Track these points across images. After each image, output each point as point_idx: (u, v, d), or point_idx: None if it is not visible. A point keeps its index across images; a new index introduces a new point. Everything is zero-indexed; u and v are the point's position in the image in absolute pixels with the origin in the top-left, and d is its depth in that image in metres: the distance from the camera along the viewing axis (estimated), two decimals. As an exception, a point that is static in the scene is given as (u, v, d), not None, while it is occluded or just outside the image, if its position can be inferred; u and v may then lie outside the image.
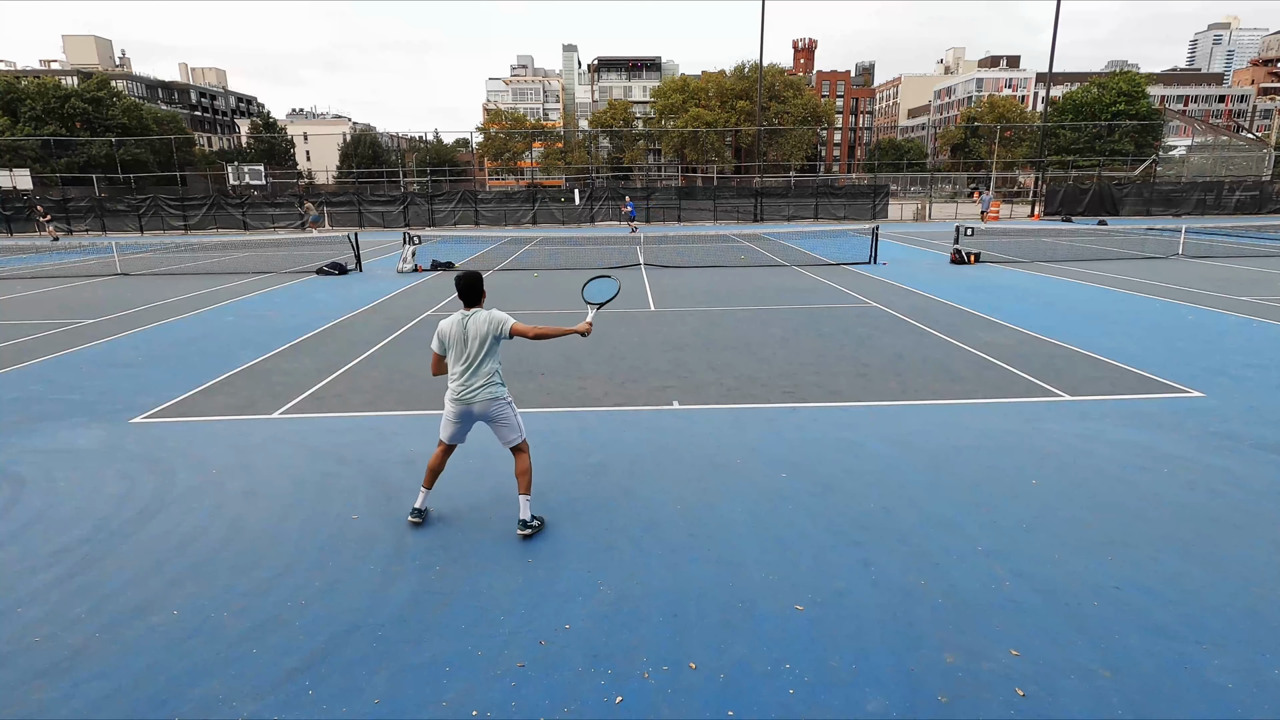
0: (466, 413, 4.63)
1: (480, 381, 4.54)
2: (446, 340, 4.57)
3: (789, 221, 38.09)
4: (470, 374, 4.54)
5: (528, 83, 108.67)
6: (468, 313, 4.57)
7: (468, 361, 4.53)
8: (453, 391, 4.60)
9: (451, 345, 4.56)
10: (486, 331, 4.50)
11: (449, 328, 4.56)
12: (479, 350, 4.51)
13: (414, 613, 3.86)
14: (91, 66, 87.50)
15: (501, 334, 4.53)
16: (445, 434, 4.78)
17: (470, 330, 4.51)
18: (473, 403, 4.57)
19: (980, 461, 5.79)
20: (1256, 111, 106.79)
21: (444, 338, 4.58)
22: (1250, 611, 3.73)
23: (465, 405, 4.59)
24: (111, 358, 9.91)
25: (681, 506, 5.07)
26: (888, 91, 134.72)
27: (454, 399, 4.60)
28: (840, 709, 3.11)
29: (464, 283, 4.59)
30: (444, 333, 4.58)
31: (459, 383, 4.57)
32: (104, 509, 5.18)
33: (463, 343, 4.52)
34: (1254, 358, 8.82)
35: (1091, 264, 18.60)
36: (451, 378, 4.62)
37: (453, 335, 4.54)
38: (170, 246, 29.40)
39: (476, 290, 4.60)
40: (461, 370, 4.55)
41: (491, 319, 4.52)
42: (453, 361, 4.59)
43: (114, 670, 3.44)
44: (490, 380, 4.57)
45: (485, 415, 4.63)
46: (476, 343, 4.50)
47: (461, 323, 4.54)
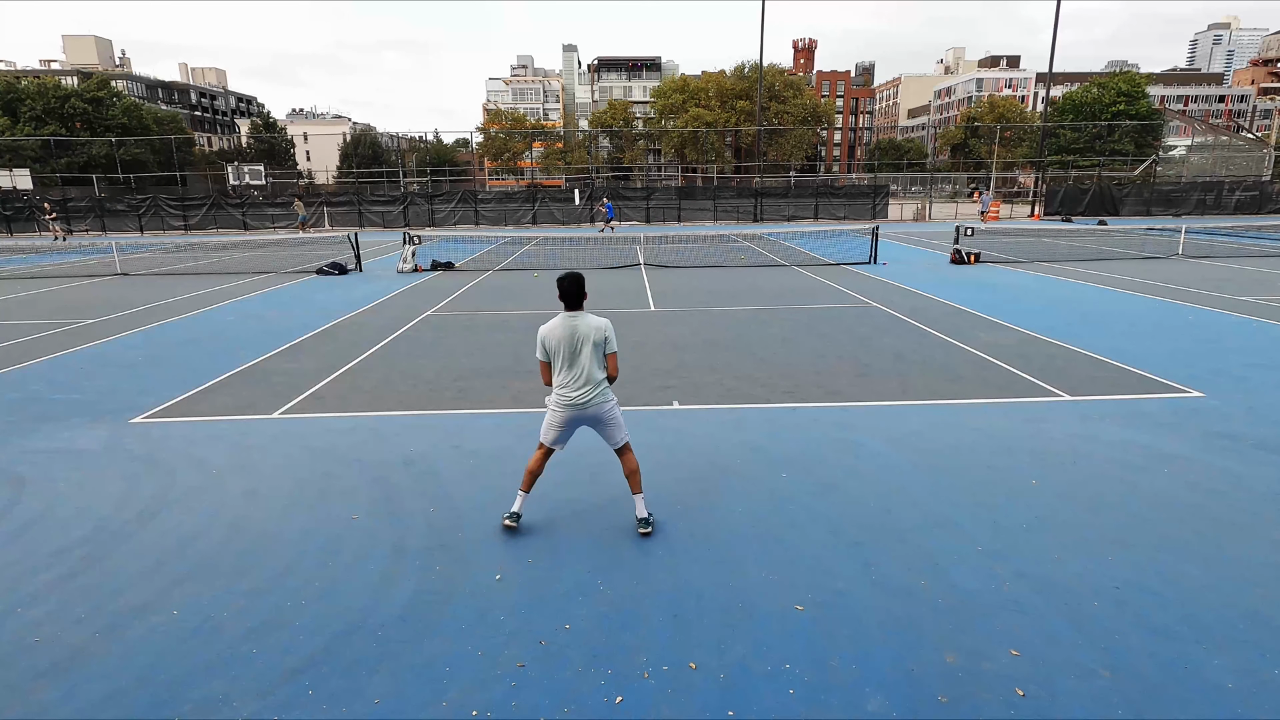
0: (577, 417, 4.54)
1: (592, 385, 4.46)
2: (553, 345, 4.46)
3: (789, 221, 38.07)
4: (582, 378, 4.44)
5: (528, 83, 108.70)
6: (571, 316, 4.46)
7: (579, 366, 4.44)
8: (562, 396, 4.50)
9: (558, 350, 4.45)
10: (599, 338, 4.44)
11: (554, 332, 4.45)
12: (590, 354, 4.43)
13: (414, 613, 3.86)
14: (91, 66, 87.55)
15: (607, 347, 4.49)
16: (549, 438, 4.66)
17: (580, 334, 4.42)
18: (586, 406, 4.48)
19: (980, 461, 5.79)
20: (1256, 111, 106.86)
21: (549, 343, 4.47)
22: (1250, 611, 3.73)
23: (577, 410, 4.50)
24: (111, 358, 9.91)
25: (681, 506, 5.07)
26: (888, 91, 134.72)
27: (565, 404, 4.49)
28: (840, 709, 3.11)
29: (570, 284, 4.45)
30: (549, 337, 4.46)
31: (570, 388, 4.46)
32: (104, 509, 5.18)
33: (571, 347, 4.42)
34: (1254, 358, 8.82)
35: (1091, 264, 18.60)
36: (560, 383, 4.51)
37: (560, 339, 4.43)
38: (170, 246, 29.40)
39: (581, 292, 4.49)
40: (572, 375, 4.46)
41: (604, 328, 4.47)
42: (561, 366, 4.48)
43: (114, 670, 3.44)
44: (600, 383, 4.49)
45: (595, 418, 4.56)
46: (589, 347, 4.42)
47: (568, 326, 4.43)
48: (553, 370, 4.55)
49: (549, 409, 4.61)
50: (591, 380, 4.45)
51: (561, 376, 4.50)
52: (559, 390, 4.52)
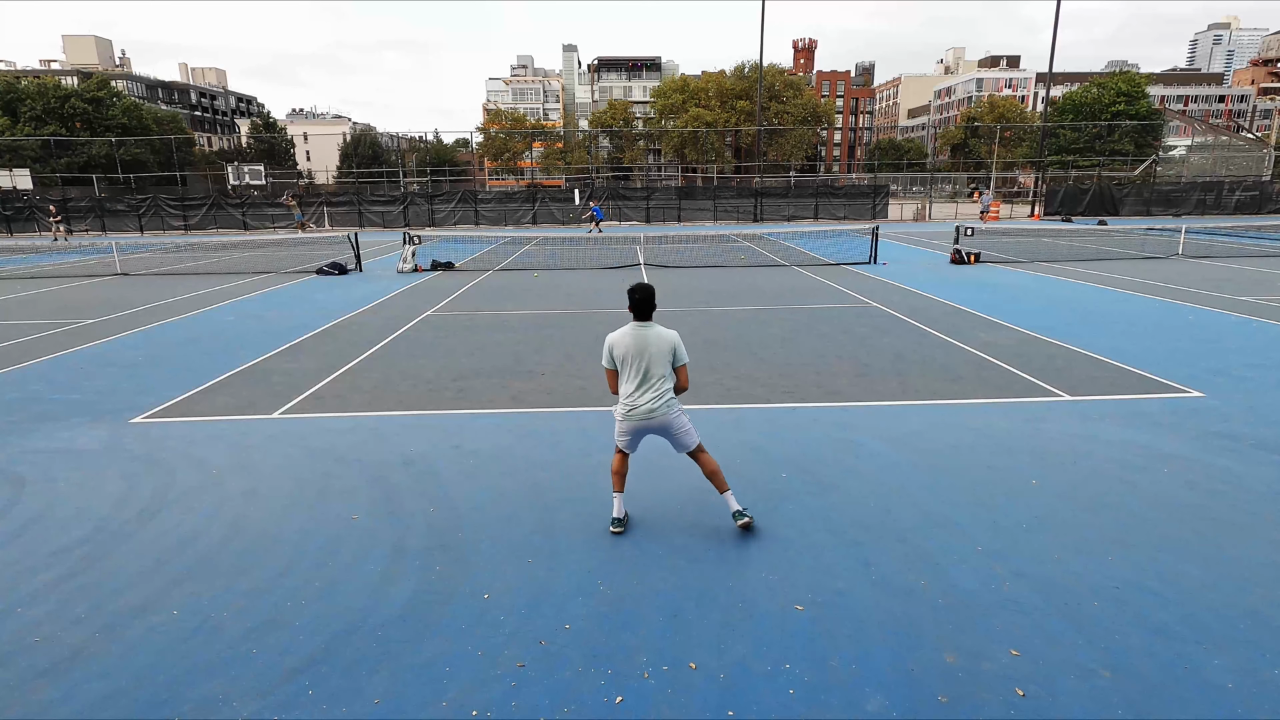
0: (644, 428, 4.52)
1: (658, 396, 4.43)
2: (620, 355, 4.44)
3: (789, 221, 38.08)
4: (651, 389, 4.42)
5: (528, 83, 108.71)
6: (641, 326, 4.43)
7: (648, 377, 4.42)
8: (628, 407, 4.46)
9: (627, 360, 4.42)
10: (668, 350, 4.42)
11: (623, 341, 4.42)
12: (660, 366, 4.41)
13: (414, 613, 3.86)
14: (91, 66, 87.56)
15: (676, 359, 4.47)
16: (622, 444, 4.66)
17: (652, 345, 4.40)
18: (652, 417, 4.44)
19: (980, 461, 5.79)
20: (1256, 111, 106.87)
21: (617, 351, 4.45)
22: (1250, 611, 3.73)
23: (644, 421, 4.46)
24: (111, 358, 9.91)
25: (681, 506, 5.07)
26: (888, 91, 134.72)
27: (632, 415, 4.46)
28: (840, 709, 3.11)
29: (641, 295, 4.41)
30: (617, 346, 4.44)
31: (638, 398, 4.44)
32: (104, 509, 5.18)
33: (641, 357, 4.39)
34: (1254, 358, 8.82)
35: (1091, 264, 18.60)
36: (627, 393, 4.47)
37: (628, 349, 4.41)
38: (170, 246, 29.40)
39: (652, 303, 4.45)
40: (640, 386, 4.43)
41: (674, 341, 4.46)
42: (629, 376, 4.45)
43: (114, 670, 3.44)
44: (666, 394, 4.46)
45: (662, 428, 4.51)
46: (660, 358, 4.40)
47: (637, 336, 4.41)
48: (620, 380, 4.53)
49: (617, 419, 4.59)
50: (659, 392, 4.42)
51: (628, 386, 4.47)
52: (625, 400, 4.49)
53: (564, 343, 10.28)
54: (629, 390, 4.47)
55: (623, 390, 4.52)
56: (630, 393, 4.46)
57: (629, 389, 4.47)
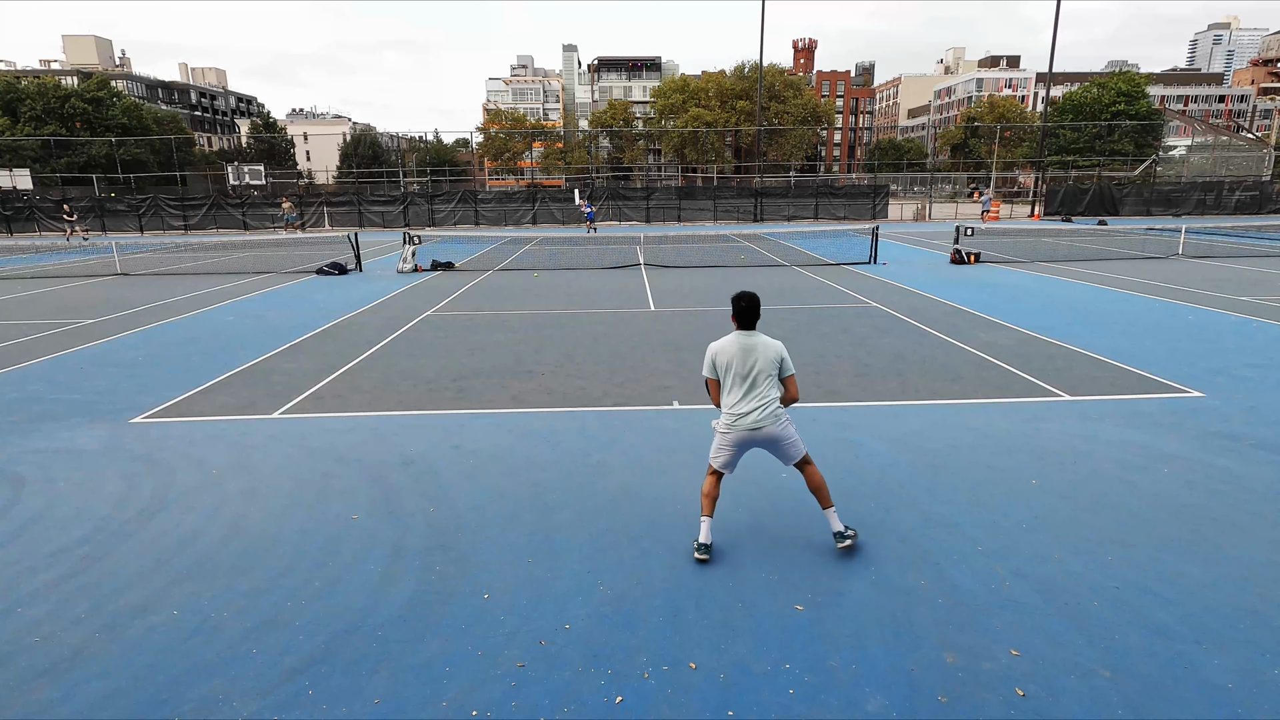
0: (748, 440, 4.31)
1: (763, 407, 4.25)
2: (723, 364, 4.29)
3: (789, 221, 38.08)
4: (757, 400, 4.24)
5: (528, 83, 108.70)
6: (746, 335, 4.29)
7: (754, 386, 4.25)
8: (734, 417, 4.29)
9: (731, 369, 4.27)
10: (775, 359, 4.28)
11: (727, 350, 4.28)
12: (767, 373, 4.26)
13: (414, 613, 3.86)
14: (91, 66, 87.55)
15: (783, 370, 4.30)
16: (719, 461, 4.42)
17: (757, 355, 4.24)
18: (760, 428, 4.25)
19: (980, 461, 5.79)
20: (1256, 111, 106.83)
21: (720, 361, 4.30)
22: (1250, 611, 3.73)
23: (748, 433, 4.27)
24: (111, 358, 9.91)
25: (681, 506, 5.07)
26: (888, 91, 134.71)
27: (738, 426, 4.28)
28: (840, 709, 3.11)
29: (747, 304, 4.28)
30: (720, 355, 4.30)
31: (743, 409, 4.26)
32: (104, 509, 5.18)
33: (746, 367, 4.24)
34: (1254, 358, 8.82)
35: (1091, 264, 18.60)
36: (731, 404, 4.30)
37: (732, 358, 4.26)
38: (170, 246, 29.40)
39: (757, 312, 4.32)
40: (745, 396, 4.26)
41: (780, 351, 4.30)
42: (731, 386, 4.29)
43: (114, 670, 3.44)
44: (772, 405, 4.27)
45: (769, 440, 4.32)
46: (767, 368, 4.26)
47: (742, 346, 4.26)
48: (722, 390, 4.37)
49: (718, 431, 4.40)
50: (764, 402, 4.25)
51: (733, 397, 4.30)
52: (729, 411, 4.32)
53: (564, 343, 10.28)
54: (733, 401, 4.29)
55: (726, 401, 4.33)
56: (734, 403, 4.29)
57: (733, 400, 4.29)
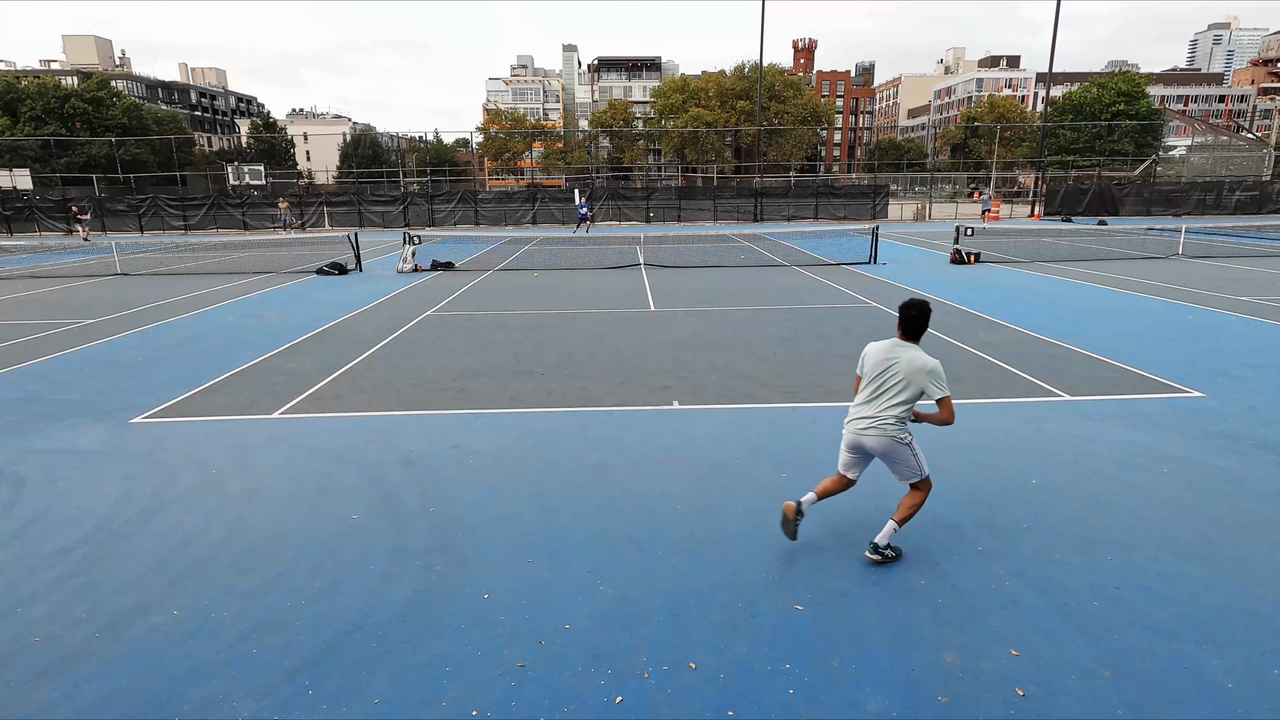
0: (857, 444, 4.22)
1: (882, 416, 4.09)
2: (868, 366, 4.22)
3: (789, 221, 38.07)
4: (873, 409, 4.14)
5: (528, 83, 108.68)
6: (899, 345, 4.14)
7: (877, 396, 4.14)
8: (849, 417, 4.28)
9: (868, 372, 4.20)
10: (919, 375, 4.01)
11: (876, 353, 4.19)
12: (900, 388, 4.05)
13: (414, 613, 3.86)
14: (91, 66, 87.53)
15: (929, 392, 4.02)
16: (842, 463, 4.38)
17: (898, 367, 4.06)
18: (864, 436, 4.15)
19: (980, 461, 5.79)
20: (1256, 111, 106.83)
21: (867, 362, 4.24)
22: (1250, 611, 3.73)
23: (856, 435, 4.19)
24: (111, 358, 9.91)
25: (681, 506, 5.07)
26: (888, 91, 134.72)
27: (848, 426, 4.27)
28: (840, 709, 3.11)
29: (916, 312, 4.10)
30: (869, 357, 4.23)
31: (857, 414, 4.23)
32: (104, 509, 5.18)
33: (884, 372, 4.11)
34: (1254, 358, 8.82)
35: (1091, 264, 18.60)
36: (854, 404, 4.29)
37: (875, 363, 4.16)
38: (170, 246, 29.40)
39: (922, 326, 4.13)
40: (868, 400, 4.18)
41: (929, 369, 4.00)
42: (863, 388, 4.24)
43: (114, 670, 3.44)
44: (894, 420, 4.09)
45: (881, 453, 4.18)
46: (900, 384, 4.05)
47: (890, 353, 4.13)
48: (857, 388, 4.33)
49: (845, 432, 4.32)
50: (878, 414, 4.10)
51: (858, 398, 4.27)
52: (851, 409, 4.32)
53: (564, 343, 10.28)
54: (857, 401, 4.28)
55: (853, 401, 4.33)
56: (856, 404, 4.28)
57: (857, 401, 4.27)
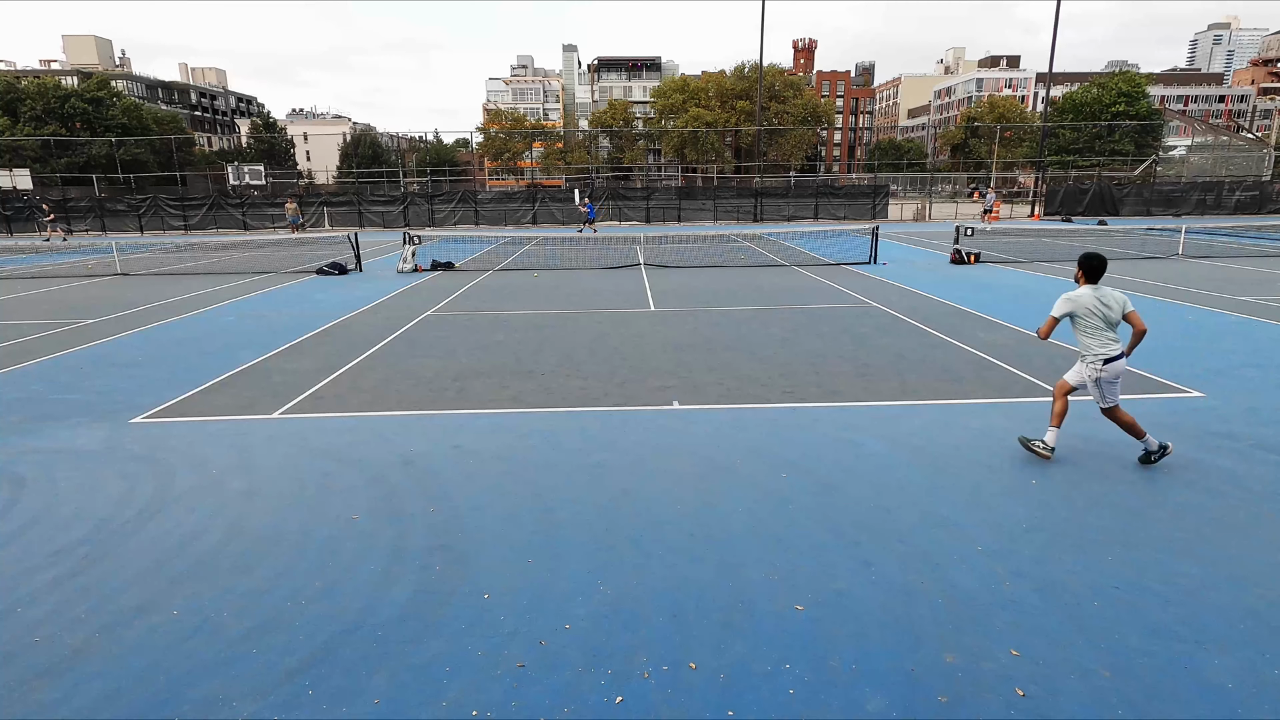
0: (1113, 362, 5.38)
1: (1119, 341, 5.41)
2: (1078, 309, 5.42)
3: (789, 221, 38.07)
4: (1115, 337, 5.41)
5: (528, 83, 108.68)
6: (1098, 288, 5.42)
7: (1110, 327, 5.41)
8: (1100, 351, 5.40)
9: (1090, 314, 5.38)
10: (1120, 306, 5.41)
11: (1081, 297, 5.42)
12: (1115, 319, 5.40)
13: (414, 613, 3.86)
14: (91, 66, 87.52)
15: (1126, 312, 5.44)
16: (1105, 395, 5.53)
17: (1110, 303, 5.38)
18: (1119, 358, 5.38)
19: (980, 461, 5.79)
20: (1256, 111, 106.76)
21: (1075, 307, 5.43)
22: (1250, 611, 3.73)
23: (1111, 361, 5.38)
24: (111, 358, 9.91)
25: (681, 506, 5.07)
26: (888, 91, 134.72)
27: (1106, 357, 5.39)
28: (840, 709, 3.11)
29: (1096, 261, 5.42)
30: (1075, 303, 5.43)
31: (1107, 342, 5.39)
32: (104, 509, 5.18)
33: (1105, 310, 5.37)
34: (1254, 358, 8.82)
35: (1091, 264, 18.57)
36: (1097, 341, 5.41)
37: (1089, 305, 5.37)
38: (170, 246, 29.40)
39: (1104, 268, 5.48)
40: (1110, 335, 5.40)
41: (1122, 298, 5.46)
42: (1098, 328, 5.40)
43: (114, 670, 3.44)
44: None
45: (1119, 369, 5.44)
46: (1118, 313, 5.39)
47: (1098, 296, 5.38)
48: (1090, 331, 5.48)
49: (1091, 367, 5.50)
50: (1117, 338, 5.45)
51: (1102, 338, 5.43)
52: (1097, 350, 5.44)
53: (564, 343, 10.28)
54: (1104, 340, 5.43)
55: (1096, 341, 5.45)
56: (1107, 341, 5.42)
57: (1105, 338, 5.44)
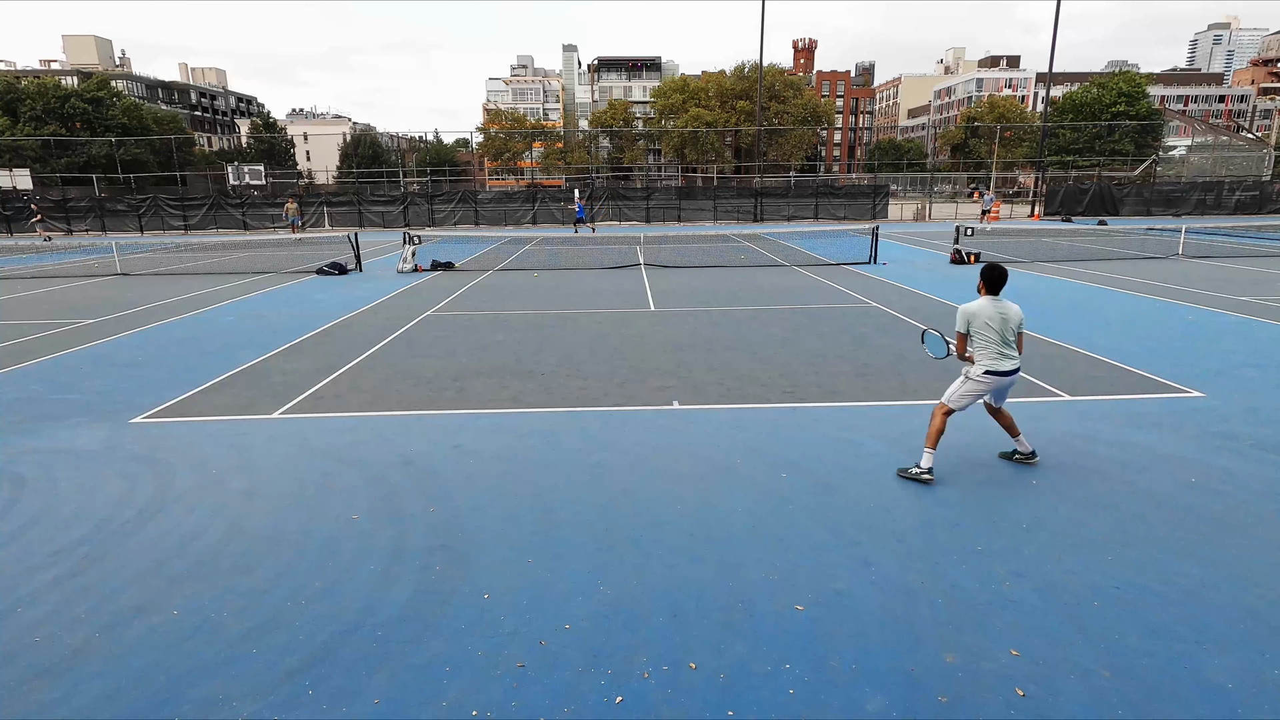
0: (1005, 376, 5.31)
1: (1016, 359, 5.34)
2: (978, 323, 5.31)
3: (789, 221, 38.07)
4: (1011, 352, 5.30)
5: (528, 83, 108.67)
6: (998, 300, 5.34)
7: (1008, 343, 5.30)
8: (990, 365, 5.28)
9: (986, 327, 5.28)
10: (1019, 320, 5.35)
11: (982, 310, 5.32)
12: (1015, 332, 5.32)
13: (414, 613, 3.86)
14: (91, 66, 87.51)
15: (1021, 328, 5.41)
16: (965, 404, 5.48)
17: (1009, 317, 5.30)
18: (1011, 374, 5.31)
19: (980, 461, 5.79)
20: (1256, 111, 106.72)
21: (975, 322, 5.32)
22: (1250, 611, 3.73)
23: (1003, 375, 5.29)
24: (111, 358, 9.91)
25: (681, 506, 5.07)
26: (888, 91, 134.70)
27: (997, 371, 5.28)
28: (840, 709, 3.11)
29: (999, 273, 5.38)
30: (975, 316, 5.32)
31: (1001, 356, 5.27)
32: (104, 509, 5.18)
33: (1003, 325, 5.27)
34: (1254, 358, 8.82)
35: (1091, 264, 18.60)
36: (992, 355, 5.29)
37: (989, 318, 5.28)
38: (170, 246, 29.40)
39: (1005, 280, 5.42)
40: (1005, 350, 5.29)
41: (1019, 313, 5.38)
42: (994, 341, 5.28)
43: (114, 670, 3.44)
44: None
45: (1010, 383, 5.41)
46: (1014, 328, 5.31)
47: (998, 310, 5.30)
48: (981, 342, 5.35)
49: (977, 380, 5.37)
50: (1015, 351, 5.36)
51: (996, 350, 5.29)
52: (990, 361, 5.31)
53: (564, 343, 10.28)
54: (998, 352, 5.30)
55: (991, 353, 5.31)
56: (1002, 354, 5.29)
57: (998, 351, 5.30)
